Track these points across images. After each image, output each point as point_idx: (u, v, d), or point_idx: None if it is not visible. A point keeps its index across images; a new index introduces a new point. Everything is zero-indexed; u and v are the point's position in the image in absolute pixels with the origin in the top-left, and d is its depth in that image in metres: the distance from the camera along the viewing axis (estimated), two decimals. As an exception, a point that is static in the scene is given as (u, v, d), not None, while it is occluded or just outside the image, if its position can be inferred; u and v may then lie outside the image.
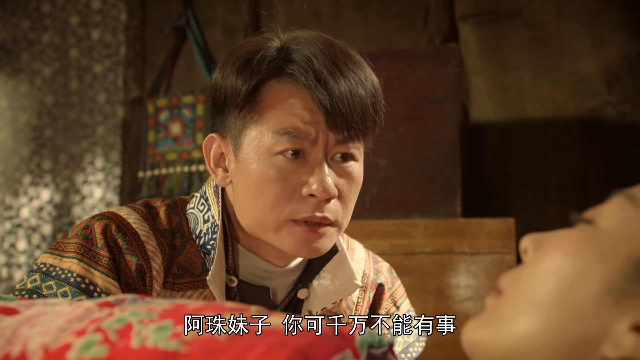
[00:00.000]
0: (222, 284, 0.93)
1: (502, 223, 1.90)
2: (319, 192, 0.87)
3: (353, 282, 1.00)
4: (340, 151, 0.91)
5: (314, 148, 0.88)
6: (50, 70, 3.12)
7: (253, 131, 0.89)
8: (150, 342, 0.43)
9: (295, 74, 0.89)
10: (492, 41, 2.51)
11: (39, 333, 0.46)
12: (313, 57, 0.88)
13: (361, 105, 0.89)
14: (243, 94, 0.89)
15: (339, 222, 0.92)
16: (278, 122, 0.88)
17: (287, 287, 1.00)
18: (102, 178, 2.99)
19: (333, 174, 0.90)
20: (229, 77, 0.90)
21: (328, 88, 0.87)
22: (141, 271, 0.90)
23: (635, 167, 2.32)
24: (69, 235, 0.92)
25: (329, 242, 0.93)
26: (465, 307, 1.88)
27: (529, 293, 0.51)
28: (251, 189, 0.90)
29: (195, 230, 0.96)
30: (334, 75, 0.88)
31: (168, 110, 2.85)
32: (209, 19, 2.90)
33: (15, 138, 3.14)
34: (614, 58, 2.38)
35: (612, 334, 0.48)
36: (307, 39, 0.91)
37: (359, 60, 0.93)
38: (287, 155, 0.88)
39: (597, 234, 0.51)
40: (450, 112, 2.09)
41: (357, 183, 0.94)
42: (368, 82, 0.92)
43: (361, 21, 2.68)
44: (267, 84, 0.90)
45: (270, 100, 0.89)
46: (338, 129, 0.88)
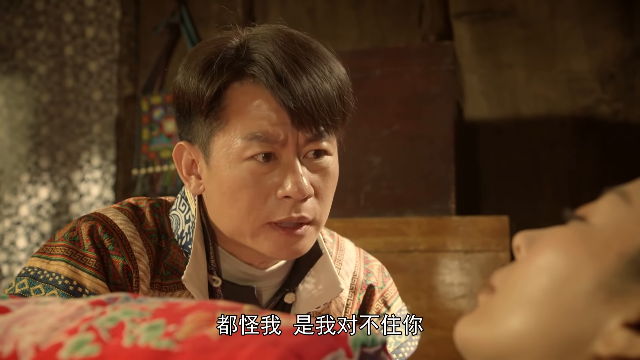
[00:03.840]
0: (201, 283, 0.92)
1: (495, 221, 1.91)
2: (294, 193, 0.86)
3: (337, 285, 0.99)
4: (312, 149, 0.89)
5: (284, 149, 0.87)
6: (46, 68, 3.11)
7: (221, 138, 0.88)
8: (142, 341, 0.43)
9: (256, 75, 0.87)
10: (486, 39, 2.51)
11: (31, 332, 0.46)
12: (273, 56, 0.86)
13: (327, 100, 0.87)
14: (206, 101, 0.87)
15: (317, 220, 0.91)
16: (245, 127, 0.86)
17: (272, 288, 0.99)
18: (99, 176, 2.98)
19: (307, 171, 0.89)
20: (190, 82, 0.89)
21: (290, 87, 0.85)
22: (128, 272, 0.90)
23: (628, 165, 2.33)
24: (56, 238, 0.92)
25: (309, 241, 0.92)
26: (458, 305, 1.89)
27: (521, 290, 0.52)
28: (225, 196, 0.89)
29: (177, 230, 0.95)
30: (295, 73, 0.85)
31: (162, 107, 2.84)
32: (203, 16, 2.89)
33: (13, 136, 3.13)
34: (607, 56, 2.39)
35: (603, 330, 0.48)
36: (266, 35, 0.89)
37: (322, 53, 0.90)
38: (258, 159, 0.87)
39: (589, 231, 0.51)
40: (445, 109, 2.09)
41: (332, 177, 0.92)
42: (334, 75, 0.89)
43: (355, 19, 2.68)
44: (230, 87, 0.88)
45: (235, 104, 0.87)
46: (305, 127, 0.87)
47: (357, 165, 2.08)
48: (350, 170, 2.06)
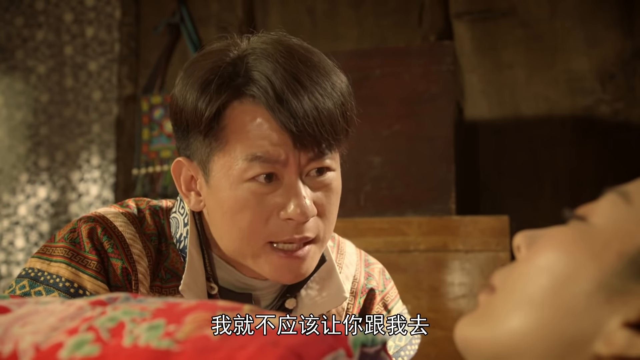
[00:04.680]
0: (199, 290, 0.91)
1: (496, 220, 1.90)
2: (297, 216, 0.84)
3: (341, 294, 0.98)
4: (314, 167, 0.87)
5: (286, 169, 0.85)
6: (45, 67, 3.11)
7: (221, 159, 0.86)
8: (142, 340, 0.43)
9: (255, 96, 0.84)
10: (486, 39, 2.51)
11: (31, 332, 0.46)
12: (273, 75, 0.83)
13: (330, 120, 0.84)
14: (205, 121, 0.85)
15: (321, 237, 0.89)
16: (246, 147, 0.84)
17: (272, 294, 0.98)
18: (98, 176, 2.98)
19: (309, 191, 0.87)
20: (188, 99, 0.86)
21: (291, 109, 0.82)
22: (127, 274, 0.89)
23: (628, 165, 2.33)
24: (56, 239, 0.91)
25: (312, 262, 0.90)
26: (459, 305, 1.89)
27: (521, 290, 0.52)
28: (226, 216, 0.87)
29: (176, 234, 0.94)
30: (297, 92, 0.83)
31: (162, 107, 2.84)
32: (203, 16, 2.89)
33: (12, 136, 3.13)
34: (608, 56, 2.39)
35: (604, 330, 0.48)
36: (266, 51, 0.85)
37: (324, 67, 0.87)
38: (260, 180, 0.85)
39: (589, 231, 0.51)
40: (445, 109, 2.09)
41: (336, 193, 0.91)
42: (336, 91, 0.86)
43: (355, 19, 2.67)
44: (230, 107, 0.85)
45: (235, 124, 0.85)
46: (307, 148, 0.84)
47: (357, 165, 2.08)
48: (350, 171, 2.05)
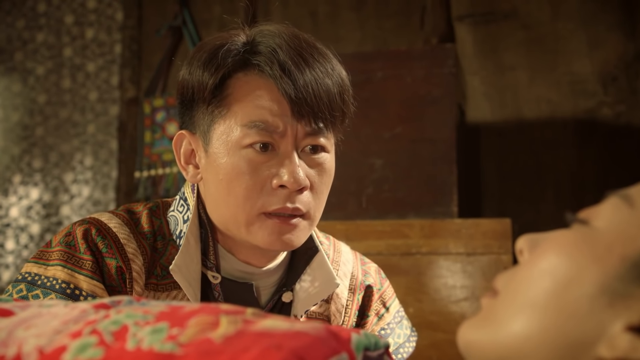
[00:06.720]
0: (191, 277, 0.93)
1: (498, 223, 1.90)
2: (290, 183, 0.88)
3: (332, 281, 1.00)
4: (310, 143, 0.91)
5: (283, 140, 0.89)
6: (44, 69, 3.11)
7: (222, 125, 0.89)
8: (145, 344, 0.43)
9: (260, 65, 0.89)
10: (488, 41, 2.51)
11: (34, 335, 0.46)
12: (278, 48, 0.89)
13: (327, 95, 0.89)
14: (210, 88, 0.89)
15: (311, 214, 0.92)
16: (246, 115, 0.88)
17: (270, 287, 0.99)
18: (90, 177, 2.97)
19: (304, 165, 0.90)
20: (195, 72, 0.91)
21: (293, 77, 0.87)
22: (121, 273, 0.90)
23: (630, 168, 2.33)
24: (52, 244, 0.93)
25: (303, 235, 0.93)
26: (461, 308, 1.89)
27: (524, 293, 0.52)
28: (222, 183, 0.90)
29: (176, 231, 0.96)
30: (299, 65, 0.88)
31: (164, 110, 2.84)
32: (205, 19, 2.90)
33: (6, 137, 3.13)
34: (609, 59, 2.39)
35: (607, 334, 0.48)
36: (273, 31, 0.91)
37: (326, 52, 0.93)
38: (256, 147, 0.88)
39: (592, 234, 0.51)
40: (447, 112, 2.09)
41: (328, 174, 0.94)
42: (335, 73, 0.92)
43: (357, 21, 2.68)
44: (234, 77, 0.90)
45: (238, 93, 0.89)
46: (304, 118, 0.88)
47: (359, 168, 2.08)
48: (352, 173, 2.07)
